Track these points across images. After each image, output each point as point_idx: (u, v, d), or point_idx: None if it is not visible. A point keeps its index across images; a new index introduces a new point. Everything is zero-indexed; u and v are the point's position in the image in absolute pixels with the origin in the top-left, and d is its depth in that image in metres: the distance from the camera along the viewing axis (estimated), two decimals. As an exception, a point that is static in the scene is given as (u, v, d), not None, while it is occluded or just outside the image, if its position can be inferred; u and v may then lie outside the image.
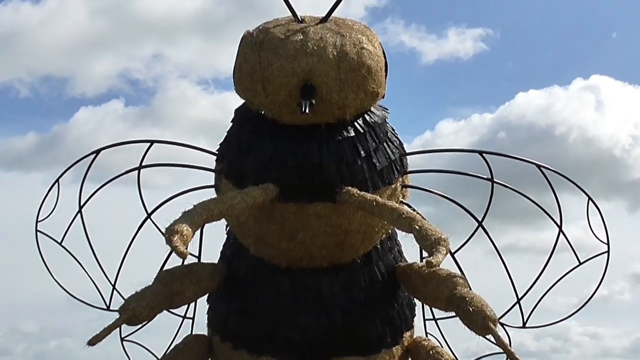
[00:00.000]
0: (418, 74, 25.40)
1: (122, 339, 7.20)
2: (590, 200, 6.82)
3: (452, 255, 6.59)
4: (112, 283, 7.08)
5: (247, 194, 5.65)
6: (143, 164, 6.83)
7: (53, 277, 7.34)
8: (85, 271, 7.17)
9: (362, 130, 6.00)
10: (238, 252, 6.40)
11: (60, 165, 7.38)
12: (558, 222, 6.73)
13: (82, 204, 7.11)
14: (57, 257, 7.31)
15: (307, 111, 5.52)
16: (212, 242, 6.80)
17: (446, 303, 5.76)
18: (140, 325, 5.94)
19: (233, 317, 6.26)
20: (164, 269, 6.30)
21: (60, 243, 7.28)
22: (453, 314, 5.77)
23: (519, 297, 6.75)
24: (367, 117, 6.09)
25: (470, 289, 5.83)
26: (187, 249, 5.10)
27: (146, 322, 5.78)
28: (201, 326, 6.87)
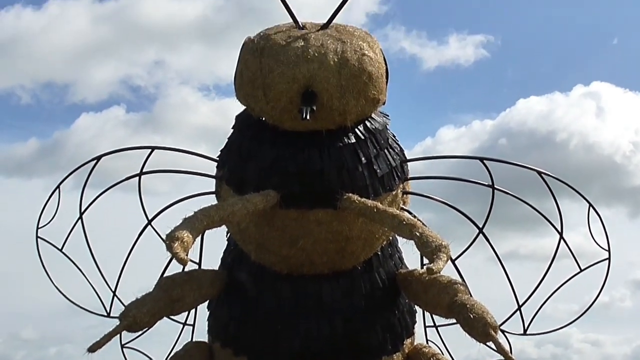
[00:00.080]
0: (419, 81, 25.44)
1: (123, 346, 7.18)
2: (591, 207, 6.81)
3: (453, 262, 6.59)
4: (113, 289, 7.06)
5: (248, 201, 5.65)
6: (144, 170, 6.82)
7: (53, 283, 7.33)
8: (86, 277, 7.17)
9: (362, 137, 6.00)
10: (239, 258, 6.39)
11: (61, 171, 7.40)
12: (559, 229, 6.72)
13: (82, 210, 7.10)
14: (57, 264, 7.31)
15: (308, 117, 5.53)
16: (212, 248, 6.80)
17: (447, 310, 5.75)
18: (140, 332, 5.93)
19: (234, 324, 6.25)
20: (164, 275, 6.29)
21: (60, 249, 7.27)
22: (454, 320, 5.77)
23: (520, 304, 6.74)
24: (367, 124, 6.10)
25: (471, 296, 5.82)
26: (187, 255, 5.10)
27: (147, 328, 5.77)
28: (202, 333, 6.86)
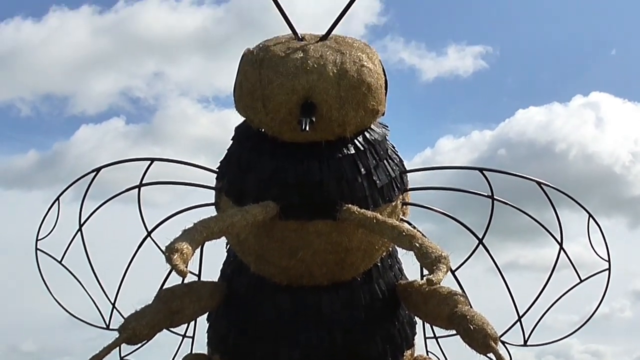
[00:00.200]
0: (418, 92, 25.48)
1: (122, 358, 7.14)
2: (590, 217, 6.82)
3: (453, 273, 6.59)
4: (112, 302, 7.06)
5: (247, 212, 5.64)
6: (143, 182, 6.83)
7: (53, 295, 7.33)
8: (85, 290, 7.16)
9: (362, 148, 6.00)
10: (238, 270, 6.38)
11: (61, 183, 7.40)
12: (559, 239, 6.72)
13: (82, 222, 7.11)
14: (57, 276, 7.30)
15: (307, 129, 5.53)
16: (212, 260, 6.79)
17: (447, 321, 5.74)
18: (140, 345, 5.91)
19: (233, 336, 6.23)
20: (164, 287, 6.28)
21: (60, 262, 7.27)
22: (454, 332, 5.75)
23: (520, 314, 6.74)
24: (367, 135, 6.10)
25: (471, 307, 5.81)
26: (187, 267, 5.10)
27: (146, 341, 5.76)
28: (201, 345, 6.85)
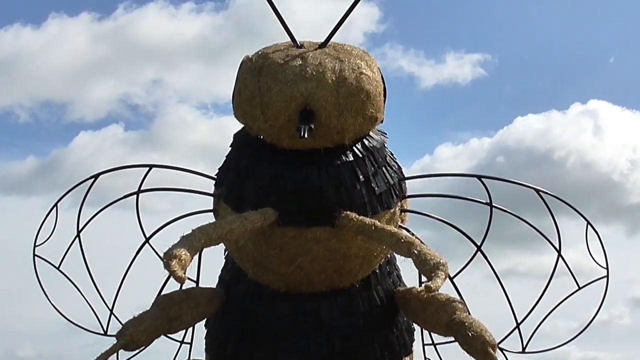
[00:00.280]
0: (417, 99, 25.49)
1: (120, 364, 7.16)
2: (589, 225, 6.82)
3: (451, 280, 6.58)
4: (110, 308, 7.05)
5: (246, 219, 5.65)
6: (142, 188, 6.83)
7: (50, 301, 7.31)
8: (83, 296, 7.15)
9: (361, 155, 6.01)
10: (237, 276, 6.38)
11: (59, 189, 7.39)
12: (557, 247, 6.73)
13: (80, 228, 7.10)
14: (54, 282, 7.29)
15: (306, 136, 5.54)
16: (210, 266, 6.78)
17: (445, 328, 5.74)
18: (138, 351, 5.91)
19: (231, 343, 6.22)
20: (162, 293, 6.29)
21: (58, 268, 7.26)
22: (452, 339, 5.75)
23: (519, 321, 6.74)
24: (365, 142, 6.11)
25: (469, 314, 5.81)
26: (185, 273, 5.09)
27: (144, 347, 5.76)
28: (199, 351, 6.83)
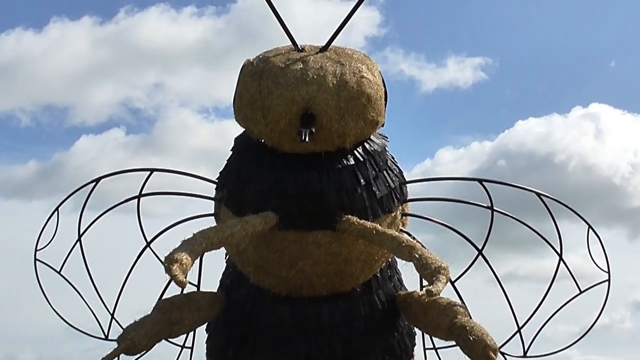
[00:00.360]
0: (418, 103, 25.50)
1: (121, 369, 7.15)
2: (590, 229, 6.81)
3: (452, 284, 6.57)
4: (111, 312, 7.04)
5: (247, 223, 5.65)
6: (143, 192, 6.82)
7: (51, 306, 7.30)
8: (84, 300, 7.14)
9: (362, 159, 6.01)
10: (238, 280, 6.37)
11: (60, 193, 7.42)
12: (558, 250, 6.72)
13: (81, 232, 7.10)
14: (55, 286, 7.28)
15: (307, 140, 5.55)
16: (211, 270, 6.78)
17: (446, 332, 5.74)
18: (138, 355, 5.90)
19: (232, 347, 6.22)
20: (163, 297, 6.28)
21: (59, 272, 7.25)
22: (453, 343, 5.75)
23: (520, 326, 6.72)
24: (367, 146, 6.11)
25: (470, 318, 5.81)
26: (186, 277, 5.10)
27: (145, 351, 5.76)
28: (200, 356, 6.82)
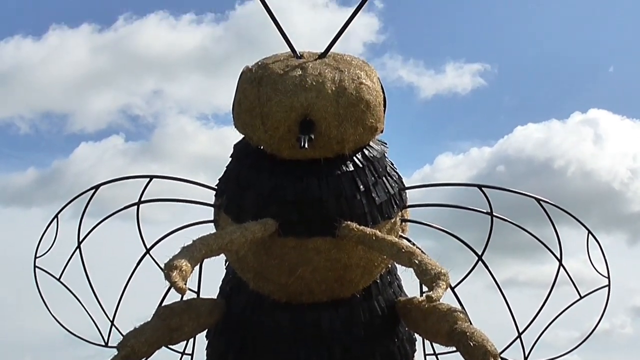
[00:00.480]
0: (416, 109, 25.49)
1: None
2: (590, 234, 6.82)
3: (452, 290, 6.58)
4: (111, 319, 7.04)
5: (246, 229, 5.65)
6: (142, 199, 6.83)
7: (51, 313, 7.30)
8: (84, 307, 7.14)
9: (361, 165, 6.02)
10: (237, 287, 6.37)
11: (60, 200, 7.40)
12: (558, 256, 6.72)
13: (81, 239, 7.10)
14: (55, 293, 7.28)
15: (306, 146, 5.55)
16: (211, 277, 6.78)
17: (447, 338, 5.74)
18: (138, 362, 5.89)
19: (232, 353, 6.22)
20: (163, 304, 6.27)
21: (58, 279, 7.25)
22: (454, 349, 5.75)
23: (520, 331, 6.72)
24: (366, 152, 6.12)
25: (470, 324, 5.81)
26: (186, 284, 5.10)
27: (145, 358, 5.74)
28: (200, 363, 6.82)
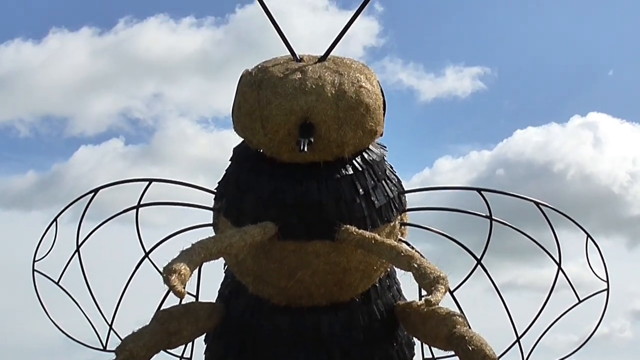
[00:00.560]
0: (416, 112, 25.48)
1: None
2: (589, 238, 6.82)
3: (451, 294, 6.57)
4: (109, 323, 7.03)
5: (245, 233, 5.65)
6: (142, 202, 6.83)
7: (49, 317, 7.29)
8: (82, 311, 7.13)
9: (360, 168, 6.02)
10: (236, 290, 6.37)
11: (59, 204, 7.39)
12: (557, 260, 6.72)
13: (80, 243, 7.10)
14: (54, 297, 7.27)
15: (305, 149, 5.55)
16: (210, 281, 6.77)
17: (445, 342, 5.73)
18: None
19: (231, 357, 6.21)
20: (161, 308, 6.27)
21: (57, 283, 7.24)
22: (452, 353, 5.74)
23: (519, 335, 6.72)
24: (365, 155, 6.12)
25: (469, 328, 5.81)
26: (185, 288, 5.09)
27: (143, 362, 5.73)
28: (198, 366, 6.81)
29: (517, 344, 6.73)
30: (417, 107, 25.36)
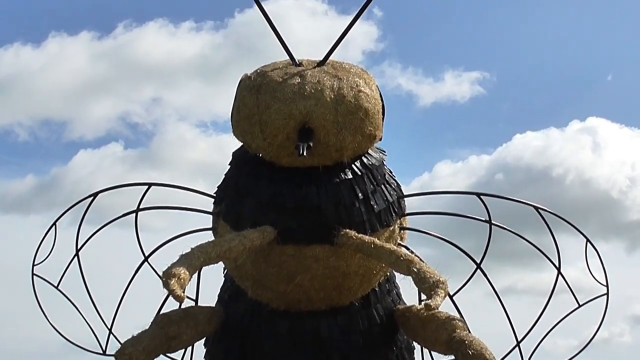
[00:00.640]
0: (415, 117, 25.53)
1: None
2: (588, 242, 6.82)
3: (451, 298, 6.58)
4: (109, 327, 7.03)
5: (245, 237, 5.64)
6: (141, 206, 6.83)
7: (49, 321, 7.29)
8: (82, 315, 7.13)
9: (359, 173, 6.02)
10: (236, 295, 6.36)
11: (58, 208, 7.40)
12: (556, 264, 6.73)
13: (79, 247, 7.10)
14: (53, 301, 7.27)
15: (304, 154, 5.55)
16: (209, 285, 6.77)
17: (445, 346, 5.73)
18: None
19: (230, 362, 6.21)
20: (161, 312, 6.26)
21: (56, 287, 7.24)
22: (452, 357, 5.73)
23: (519, 339, 6.73)
24: (364, 160, 6.12)
25: (469, 332, 5.80)
26: (184, 292, 5.09)
27: (143, 366, 5.72)
28: (198, 371, 6.80)
29: (517, 348, 6.73)
30: (416, 111, 25.42)
